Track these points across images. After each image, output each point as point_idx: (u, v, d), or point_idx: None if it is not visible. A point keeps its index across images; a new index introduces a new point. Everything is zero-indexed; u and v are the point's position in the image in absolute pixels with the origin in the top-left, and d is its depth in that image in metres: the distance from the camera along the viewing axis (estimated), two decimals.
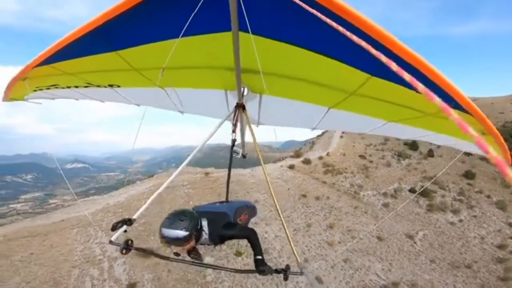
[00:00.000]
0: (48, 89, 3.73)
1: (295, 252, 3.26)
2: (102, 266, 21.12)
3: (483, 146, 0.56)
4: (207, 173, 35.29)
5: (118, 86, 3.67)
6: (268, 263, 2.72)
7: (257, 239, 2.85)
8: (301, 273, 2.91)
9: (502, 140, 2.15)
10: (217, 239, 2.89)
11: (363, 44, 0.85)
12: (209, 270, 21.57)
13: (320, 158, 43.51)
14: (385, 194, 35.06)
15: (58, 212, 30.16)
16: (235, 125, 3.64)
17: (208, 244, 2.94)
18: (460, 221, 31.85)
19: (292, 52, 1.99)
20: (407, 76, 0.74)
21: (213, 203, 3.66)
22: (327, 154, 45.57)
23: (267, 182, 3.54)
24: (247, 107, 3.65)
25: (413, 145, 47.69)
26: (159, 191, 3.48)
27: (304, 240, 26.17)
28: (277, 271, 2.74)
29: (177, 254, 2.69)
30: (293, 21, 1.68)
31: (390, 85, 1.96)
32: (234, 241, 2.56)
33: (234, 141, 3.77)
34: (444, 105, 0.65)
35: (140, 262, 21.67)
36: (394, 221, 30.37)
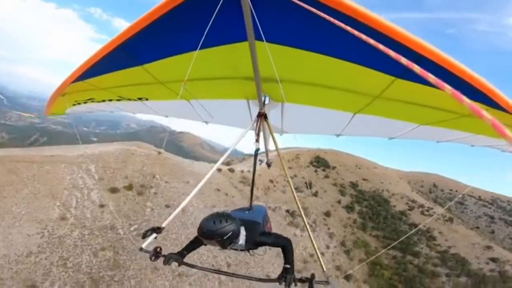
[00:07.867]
0: (85, 103, 4.07)
1: (321, 261, 3.35)
2: (83, 192, 34.55)
3: None
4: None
5: (147, 99, 3.95)
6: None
7: (292, 248, 2.94)
8: (327, 282, 2.89)
9: None
10: (253, 245, 3.01)
11: (381, 47, 0.84)
12: None
13: (242, 171, 60.58)
14: (268, 207, 51.95)
15: (46, 149, 42.10)
16: (258, 135, 3.65)
17: (241, 250, 3.04)
18: (302, 235, 50.28)
19: (311, 58, 2.02)
20: (432, 78, 0.72)
21: (240, 210, 3.69)
22: (249, 171, 62.13)
23: (293, 193, 3.73)
24: (269, 116, 3.65)
25: (309, 184, 66.71)
26: (188, 198, 3.56)
27: (193, 211, 38.23)
28: (301, 280, 2.74)
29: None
30: (309, 28, 1.72)
31: (418, 87, 1.88)
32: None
33: (257, 150, 3.70)
34: (474, 106, 0.61)
35: (107, 194, 35.59)
36: None
